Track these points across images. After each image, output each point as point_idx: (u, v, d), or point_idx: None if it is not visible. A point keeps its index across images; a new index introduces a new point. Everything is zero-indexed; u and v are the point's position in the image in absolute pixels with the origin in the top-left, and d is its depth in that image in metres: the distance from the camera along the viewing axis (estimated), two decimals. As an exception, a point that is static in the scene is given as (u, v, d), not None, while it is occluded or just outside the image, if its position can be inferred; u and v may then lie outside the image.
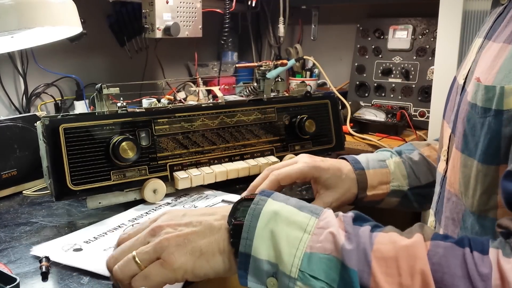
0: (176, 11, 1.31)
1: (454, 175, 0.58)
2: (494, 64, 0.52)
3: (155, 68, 1.56)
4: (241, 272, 0.50)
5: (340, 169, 0.81)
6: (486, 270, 0.42)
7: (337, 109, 1.08)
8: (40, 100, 1.31)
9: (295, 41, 1.82)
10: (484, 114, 0.51)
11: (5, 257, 0.65)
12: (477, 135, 0.52)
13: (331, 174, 0.79)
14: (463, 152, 0.55)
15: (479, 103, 0.52)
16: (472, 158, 0.53)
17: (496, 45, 0.54)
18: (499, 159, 0.50)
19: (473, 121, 0.53)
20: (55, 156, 0.75)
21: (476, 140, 0.52)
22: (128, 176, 0.81)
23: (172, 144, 0.87)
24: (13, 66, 1.24)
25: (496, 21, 0.60)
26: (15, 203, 0.86)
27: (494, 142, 0.50)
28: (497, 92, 0.49)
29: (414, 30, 1.45)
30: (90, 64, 1.42)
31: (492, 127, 0.50)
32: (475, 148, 0.53)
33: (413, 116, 1.41)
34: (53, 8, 0.75)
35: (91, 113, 0.81)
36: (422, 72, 1.43)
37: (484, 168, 0.51)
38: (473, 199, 0.53)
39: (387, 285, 0.44)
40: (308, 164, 0.79)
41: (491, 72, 0.52)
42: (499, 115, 0.49)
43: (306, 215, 0.51)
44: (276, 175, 0.78)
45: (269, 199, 0.53)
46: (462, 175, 0.55)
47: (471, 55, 0.62)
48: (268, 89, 1.06)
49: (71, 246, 0.68)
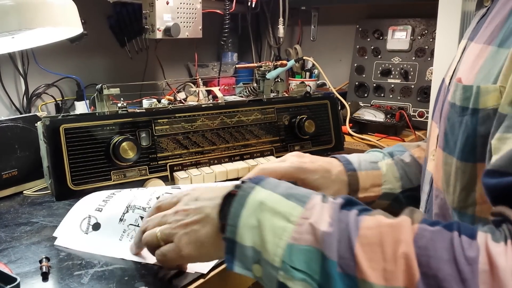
0: (176, 12, 1.31)
1: (438, 173, 0.59)
2: (474, 64, 0.53)
3: (156, 69, 1.56)
4: (228, 256, 0.52)
5: (329, 170, 0.78)
6: (473, 254, 0.42)
7: (337, 109, 1.08)
8: (41, 101, 1.32)
9: (295, 41, 1.83)
10: (462, 113, 0.52)
11: (5, 257, 0.66)
12: (456, 134, 0.53)
13: (319, 175, 0.77)
14: (444, 150, 0.56)
15: (458, 102, 0.53)
16: (451, 156, 0.54)
17: (477, 46, 0.55)
18: (475, 157, 0.51)
19: (452, 120, 0.54)
20: (56, 156, 0.75)
21: (455, 139, 0.53)
22: (128, 176, 0.82)
23: (172, 144, 0.87)
24: (14, 66, 1.25)
25: (479, 22, 0.61)
26: (15, 203, 0.86)
27: (471, 140, 0.51)
28: (473, 92, 0.50)
29: (413, 31, 1.46)
30: (91, 65, 1.42)
31: (469, 125, 0.51)
32: (454, 146, 0.54)
33: (412, 116, 1.41)
34: (53, 9, 0.75)
35: (92, 114, 0.82)
36: (421, 73, 1.43)
37: (462, 165, 0.52)
38: (454, 195, 0.54)
39: (371, 271, 0.44)
40: (294, 165, 0.76)
41: (471, 72, 0.53)
42: (475, 114, 0.50)
43: (292, 204, 0.51)
44: (261, 168, 0.76)
45: (257, 186, 0.54)
46: (444, 172, 0.56)
47: (457, 57, 0.63)
48: (267, 89, 1.07)
49: (88, 222, 0.69)
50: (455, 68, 0.61)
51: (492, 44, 0.52)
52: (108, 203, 0.71)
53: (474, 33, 0.60)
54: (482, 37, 0.55)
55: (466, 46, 0.60)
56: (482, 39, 0.55)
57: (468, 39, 0.61)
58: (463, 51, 0.61)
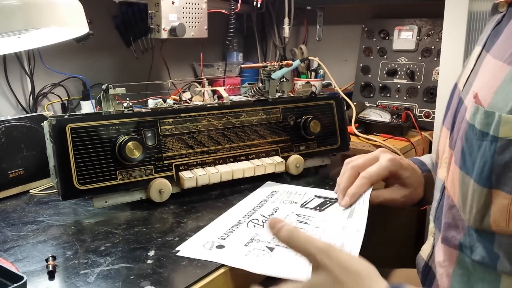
0: (181, 11, 1.31)
1: (454, 188, 0.58)
2: (493, 83, 0.52)
3: (161, 69, 1.57)
4: None
5: (415, 169, 0.81)
6: None
7: (342, 109, 1.08)
8: (47, 100, 1.32)
9: (300, 41, 1.83)
10: (481, 138, 0.51)
11: (12, 256, 0.66)
12: (474, 156, 0.52)
13: (409, 173, 0.80)
14: (461, 169, 0.55)
15: (478, 125, 0.52)
16: (469, 177, 0.53)
17: (495, 62, 0.54)
18: (491, 183, 0.50)
19: (471, 141, 0.53)
20: (62, 155, 0.76)
21: (473, 160, 0.53)
22: (134, 175, 0.82)
23: (177, 144, 0.87)
24: (20, 66, 1.25)
25: (494, 29, 0.60)
26: (22, 202, 0.87)
27: (488, 166, 0.50)
28: (495, 119, 0.49)
29: (419, 31, 1.45)
30: (97, 65, 1.42)
31: (487, 152, 0.50)
32: (472, 167, 0.53)
33: (418, 116, 1.41)
34: (59, 9, 0.76)
35: (98, 113, 0.82)
36: (427, 73, 1.43)
37: (479, 189, 0.52)
38: (470, 215, 0.54)
39: None
40: (394, 162, 0.79)
41: (489, 91, 0.52)
42: (494, 142, 0.49)
43: None
44: (367, 177, 0.78)
45: None
46: (461, 191, 0.56)
47: (471, 64, 0.62)
48: (273, 89, 1.07)
49: (212, 244, 0.69)
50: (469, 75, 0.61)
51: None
52: (231, 236, 0.72)
53: (490, 43, 0.59)
54: (499, 51, 0.54)
55: (481, 56, 0.60)
56: (499, 55, 0.54)
57: (483, 48, 0.60)
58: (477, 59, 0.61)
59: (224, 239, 0.70)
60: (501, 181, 0.49)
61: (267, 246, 0.67)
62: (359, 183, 0.78)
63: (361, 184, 0.78)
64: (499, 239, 0.52)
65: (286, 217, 0.77)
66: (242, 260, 0.64)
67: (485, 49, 0.59)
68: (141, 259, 0.65)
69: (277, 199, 0.86)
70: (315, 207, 0.81)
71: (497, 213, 0.50)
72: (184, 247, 0.68)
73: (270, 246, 0.67)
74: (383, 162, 0.79)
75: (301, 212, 0.79)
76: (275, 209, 0.81)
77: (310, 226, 0.74)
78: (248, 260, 0.64)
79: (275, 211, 0.80)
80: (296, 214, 0.79)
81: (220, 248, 0.68)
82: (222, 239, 0.70)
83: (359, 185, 0.78)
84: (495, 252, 0.52)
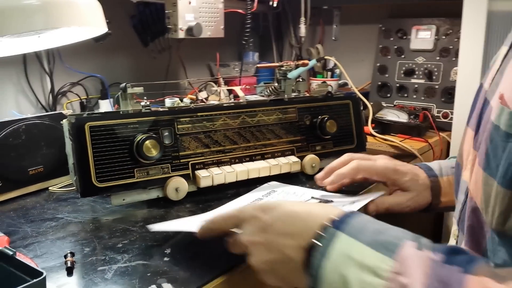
0: (198, 11, 1.32)
1: (477, 190, 0.57)
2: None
3: (178, 68, 1.58)
4: None
5: (417, 174, 0.82)
6: None
7: (359, 109, 1.07)
8: (66, 99, 1.34)
9: (317, 41, 1.82)
10: (506, 139, 0.50)
11: (31, 252, 0.67)
12: (499, 157, 0.52)
13: (409, 178, 0.81)
14: (485, 170, 0.54)
15: (503, 127, 0.51)
16: (493, 178, 0.52)
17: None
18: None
19: (496, 142, 0.52)
20: (81, 153, 0.77)
21: (497, 162, 0.52)
22: (151, 174, 0.82)
23: (194, 143, 0.87)
24: (40, 65, 1.27)
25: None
26: (41, 199, 0.88)
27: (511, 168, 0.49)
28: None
29: (437, 30, 1.44)
30: (115, 64, 1.44)
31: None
32: (496, 169, 0.52)
33: (436, 117, 1.39)
34: (79, 9, 0.76)
35: (116, 112, 0.83)
36: (446, 73, 1.41)
37: (503, 191, 0.51)
38: (492, 218, 0.53)
39: None
40: (388, 166, 0.81)
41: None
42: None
43: (380, 255, 0.46)
44: (358, 164, 0.80)
45: (341, 234, 0.50)
46: (484, 192, 0.55)
47: (497, 64, 0.61)
48: (289, 89, 1.06)
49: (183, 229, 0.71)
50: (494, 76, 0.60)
51: None
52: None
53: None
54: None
55: (508, 56, 0.59)
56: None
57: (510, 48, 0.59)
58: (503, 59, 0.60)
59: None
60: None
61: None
62: (348, 167, 0.81)
63: (350, 169, 0.80)
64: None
65: None
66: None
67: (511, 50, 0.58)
68: (157, 257, 0.65)
69: (272, 199, 0.85)
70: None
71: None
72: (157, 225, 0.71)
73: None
74: (377, 163, 0.81)
75: None
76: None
77: None
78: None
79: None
80: None
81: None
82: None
83: (347, 169, 0.81)
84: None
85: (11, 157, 0.86)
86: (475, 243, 0.59)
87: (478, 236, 0.58)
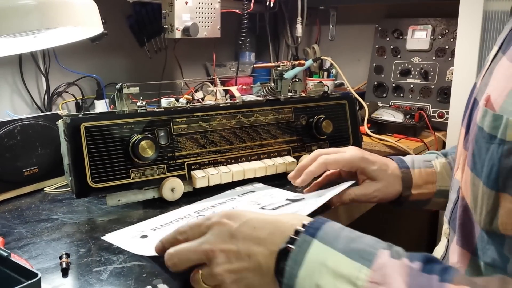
0: (195, 11, 1.32)
1: (467, 190, 0.58)
2: (505, 85, 0.52)
3: (174, 68, 1.57)
4: None
5: (387, 164, 0.83)
6: None
7: (355, 109, 1.07)
8: (62, 99, 1.34)
9: (313, 41, 1.82)
10: (489, 140, 0.51)
11: (26, 253, 0.67)
12: (483, 158, 0.52)
13: (377, 167, 0.81)
14: (472, 171, 0.55)
15: (486, 128, 0.51)
16: (479, 179, 0.53)
17: (509, 65, 0.54)
18: (498, 186, 0.50)
19: (480, 143, 0.53)
20: (76, 154, 0.76)
21: (482, 163, 0.52)
22: (147, 174, 0.82)
23: (190, 143, 0.87)
24: (35, 65, 1.27)
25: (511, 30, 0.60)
26: (36, 200, 0.88)
27: (495, 169, 0.50)
28: (503, 122, 0.49)
29: (433, 31, 1.44)
30: (111, 64, 1.44)
31: (494, 155, 0.49)
32: (481, 169, 0.52)
33: (432, 117, 1.39)
34: (75, 9, 0.76)
35: (112, 112, 0.82)
36: (441, 73, 1.41)
37: (488, 191, 0.51)
38: (480, 217, 0.53)
39: None
40: (356, 155, 0.81)
41: (501, 95, 0.51)
42: (502, 145, 0.49)
43: (356, 264, 0.45)
44: (324, 159, 0.80)
45: (315, 241, 0.48)
46: (472, 192, 0.55)
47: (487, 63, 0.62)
48: (285, 89, 1.07)
49: (139, 233, 0.71)
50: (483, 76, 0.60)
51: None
52: (165, 228, 0.73)
53: (506, 45, 0.58)
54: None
55: (497, 57, 0.59)
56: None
57: (499, 49, 0.59)
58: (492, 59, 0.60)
59: (155, 230, 0.72)
60: (507, 185, 0.49)
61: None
62: (316, 163, 0.81)
63: (317, 164, 0.80)
64: (509, 241, 0.51)
65: None
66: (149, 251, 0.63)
67: (501, 51, 0.59)
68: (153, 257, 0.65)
69: (245, 199, 0.85)
70: (272, 209, 0.80)
71: (504, 216, 0.50)
72: (112, 234, 0.70)
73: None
74: (345, 154, 0.82)
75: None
76: (232, 208, 0.81)
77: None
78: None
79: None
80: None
81: (143, 238, 0.69)
82: (153, 230, 0.72)
83: (315, 165, 0.80)
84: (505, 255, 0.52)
85: (6, 157, 0.86)
86: (466, 241, 0.59)
87: (469, 235, 0.59)
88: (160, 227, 0.74)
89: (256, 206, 0.82)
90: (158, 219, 0.77)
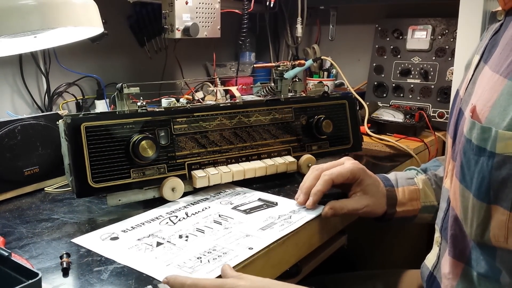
0: (195, 11, 1.32)
1: (456, 201, 0.58)
2: (489, 96, 0.52)
3: (174, 68, 1.57)
4: None
5: (378, 181, 0.84)
6: None
7: (355, 109, 1.08)
8: (62, 99, 1.34)
9: (313, 41, 1.82)
10: (479, 153, 0.51)
11: (27, 253, 0.67)
12: (472, 171, 0.52)
13: (372, 181, 0.82)
14: (461, 183, 0.55)
15: (475, 141, 0.51)
16: (468, 191, 0.53)
17: (492, 74, 0.53)
18: (489, 198, 0.50)
19: (468, 155, 0.53)
20: (77, 153, 0.76)
21: (471, 175, 0.52)
22: (147, 174, 0.82)
23: (190, 143, 0.87)
24: (36, 65, 1.27)
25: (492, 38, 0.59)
26: (37, 200, 0.88)
27: (486, 182, 0.50)
28: (492, 135, 0.49)
29: (433, 31, 1.44)
30: (111, 64, 1.44)
31: (485, 167, 0.49)
32: (470, 182, 0.52)
33: (432, 117, 1.39)
34: (75, 9, 0.76)
35: (112, 112, 0.83)
36: (441, 73, 1.42)
37: (479, 204, 0.51)
38: (471, 229, 0.53)
39: None
40: (358, 166, 0.81)
41: (486, 105, 0.51)
42: (491, 157, 0.49)
43: None
44: (329, 175, 0.80)
45: None
46: (461, 204, 0.55)
47: (470, 73, 0.61)
48: (285, 89, 1.07)
49: (109, 235, 0.71)
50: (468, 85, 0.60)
51: (509, 78, 0.50)
52: (136, 229, 0.74)
53: (487, 53, 0.58)
54: (496, 64, 0.53)
55: (479, 66, 0.59)
56: (497, 67, 0.53)
57: (481, 58, 0.59)
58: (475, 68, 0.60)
59: (126, 231, 0.73)
60: (499, 197, 0.49)
61: (157, 241, 0.69)
62: (322, 181, 0.79)
63: (324, 182, 0.79)
64: (500, 253, 0.51)
65: (206, 217, 0.78)
66: (117, 253, 0.66)
67: (483, 60, 0.58)
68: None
69: (217, 199, 0.86)
70: (245, 210, 0.81)
71: (496, 228, 0.50)
72: (82, 237, 0.71)
73: (159, 242, 0.69)
74: (346, 165, 0.81)
75: (225, 213, 0.79)
76: (204, 209, 0.81)
77: (221, 226, 0.74)
78: (126, 254, 0.65)
79: (203, 210, 0.81)
80: (219, 214, 0.79)
81: (113, 240, 0.70)
82: (124, 231, 0.73)
83: (321, 184, 0.79)
84: (497, 267, 0.52)
85: (7, 157, 0.86)
86: (459, 252, 0.59)
87: (461, 246, 0.58)
88: (131, 228, 0.74)
89: (228, 206, 0.83)
90: (129, 221, 0.77)
